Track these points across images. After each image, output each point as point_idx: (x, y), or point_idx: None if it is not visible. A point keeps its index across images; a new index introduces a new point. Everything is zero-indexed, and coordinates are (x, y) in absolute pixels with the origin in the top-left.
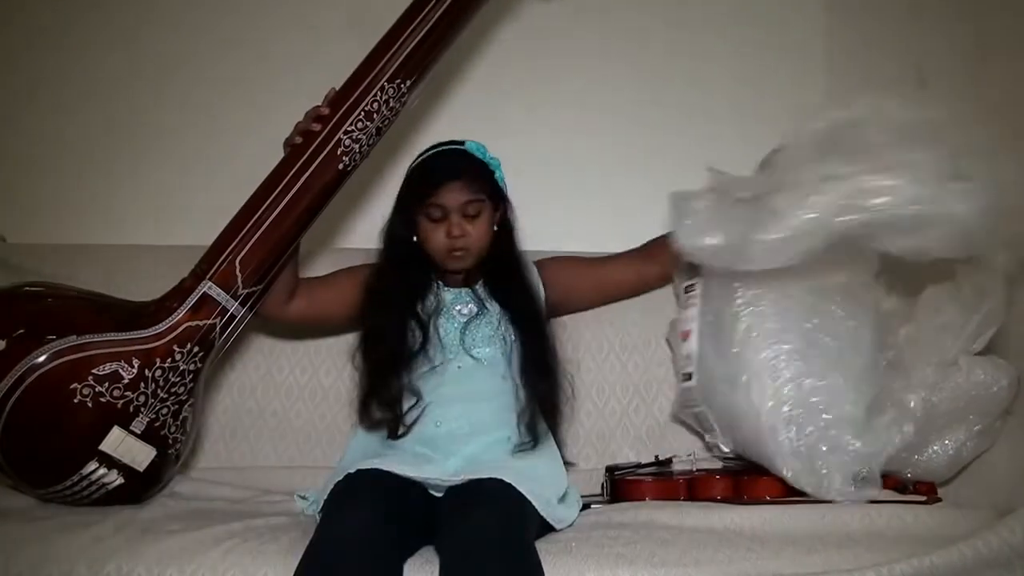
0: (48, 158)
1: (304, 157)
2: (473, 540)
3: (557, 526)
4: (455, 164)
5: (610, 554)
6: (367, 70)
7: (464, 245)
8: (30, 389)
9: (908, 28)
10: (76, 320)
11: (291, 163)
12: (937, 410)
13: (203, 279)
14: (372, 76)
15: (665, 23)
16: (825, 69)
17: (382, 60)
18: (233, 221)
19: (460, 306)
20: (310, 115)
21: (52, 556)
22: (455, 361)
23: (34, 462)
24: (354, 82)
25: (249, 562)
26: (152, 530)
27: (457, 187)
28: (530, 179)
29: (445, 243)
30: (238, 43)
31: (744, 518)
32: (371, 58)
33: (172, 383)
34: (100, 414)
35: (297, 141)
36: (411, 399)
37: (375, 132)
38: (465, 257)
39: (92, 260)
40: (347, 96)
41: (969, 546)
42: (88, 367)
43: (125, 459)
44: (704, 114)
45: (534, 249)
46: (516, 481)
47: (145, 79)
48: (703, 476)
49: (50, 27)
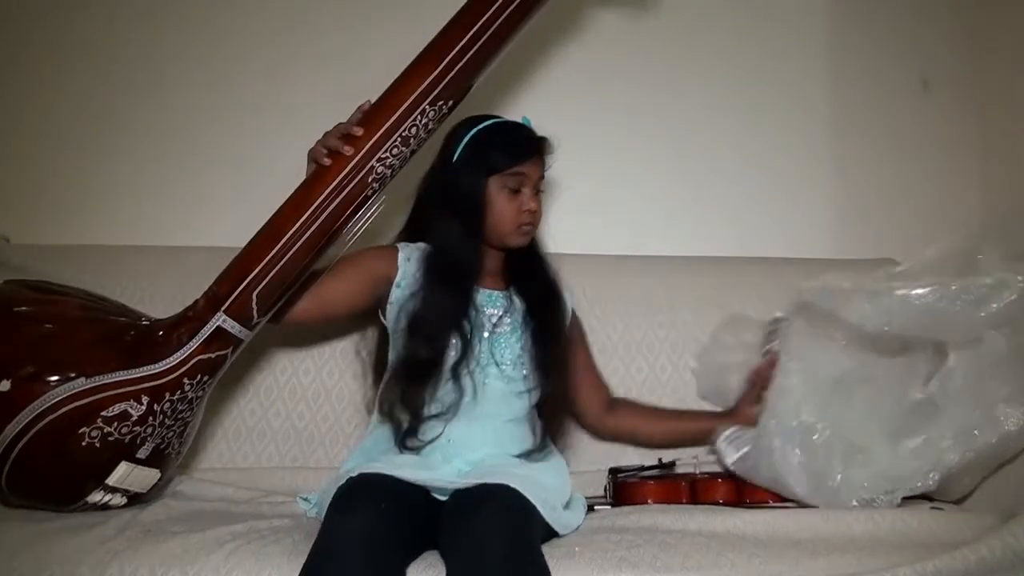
0: (51, 159)
1: (333, 185)
2: (480, 543)
3: (561, 532)
4: (536, 138)
5: (613, 558)
6: (408, 89)
7: (534, 220)
8: (39, 434)
9: (911, 32)
10: (82, 357)
11: (318, 190)
12: (970, 462)
13: (217, 311)
14: (414, 97)
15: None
16: (826, 71)
17: (427, 79)
18: (253, 248)
19: (491, 309)
20: (340, 133)
21: (55, 557)
22: (480, 375)
23: (41, 495)
24: (392, 102)
25: (252, 564)
26: (155, 531)
27: (539, 161)
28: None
29: (518, 217)
30: (240, 44)
31: (747, 522)
32: (413, 75)
33: (179, 411)
34: (108, 451)
35: (326, 163)
36: (433, 410)
37: (407, 156)
38: (530, 234)
39: (94, 261)
40: (384, 118)
41: (973, 551)
42: (97, 410)
43: (132, 488)
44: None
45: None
46: (522, 486)
47: (147, 80)
48: (706, 479)
49: (51, 27)
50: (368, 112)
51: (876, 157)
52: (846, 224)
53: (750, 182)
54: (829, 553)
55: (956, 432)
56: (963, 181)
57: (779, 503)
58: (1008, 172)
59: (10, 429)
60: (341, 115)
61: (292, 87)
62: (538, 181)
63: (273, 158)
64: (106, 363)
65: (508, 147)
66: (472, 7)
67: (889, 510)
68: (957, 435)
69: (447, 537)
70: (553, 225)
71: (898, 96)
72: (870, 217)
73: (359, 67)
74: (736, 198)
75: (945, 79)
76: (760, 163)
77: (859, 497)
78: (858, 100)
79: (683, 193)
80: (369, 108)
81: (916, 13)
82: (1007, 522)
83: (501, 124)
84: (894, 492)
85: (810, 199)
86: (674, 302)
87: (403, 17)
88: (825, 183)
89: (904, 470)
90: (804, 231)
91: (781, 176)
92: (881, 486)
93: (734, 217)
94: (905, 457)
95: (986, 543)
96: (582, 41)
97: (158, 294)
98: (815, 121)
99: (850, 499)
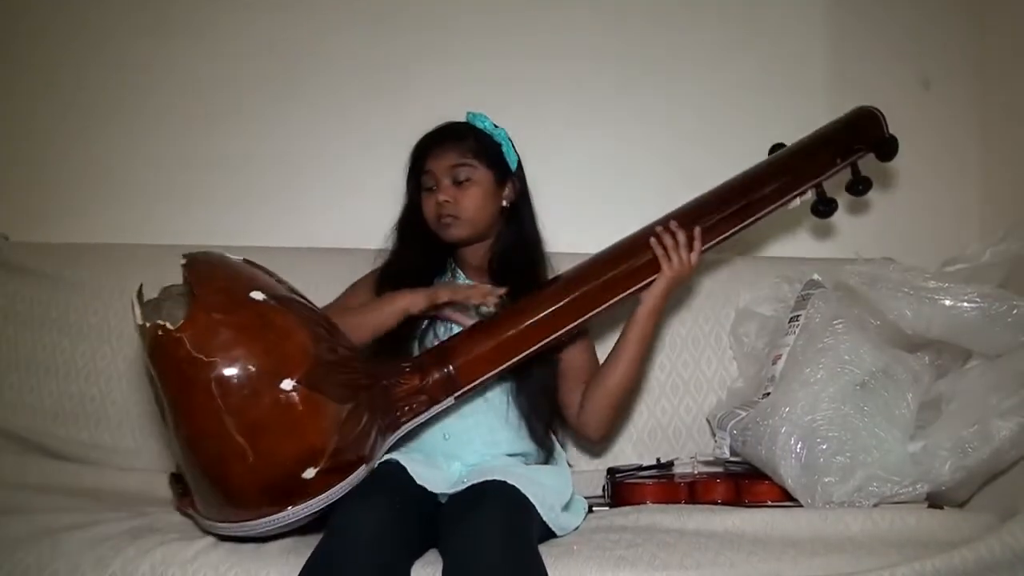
0: (50, 157)
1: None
2: (476, 538)
3: (559, 533)
4: (443, 129)
5: (612, 557)
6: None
7: (452, 212)
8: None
9: (912, 31)
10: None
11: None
12: (961, 480)
13: (449, 396)
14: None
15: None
16: (827, 70)
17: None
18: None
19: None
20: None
21: (58, 555)
22: None
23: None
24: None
25: (251, 561)
26: (157, 529)
27: (444, 149)
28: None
29: (434, 211)
30: (241, 45)
31: (746, 521)
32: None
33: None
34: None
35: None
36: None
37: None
38: (455, 225)
39: (94, 259)
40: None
41: (972, 550)
42: None
43: None
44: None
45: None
46: (520, 483)
47: (148, 79)
48: (704, 479)
49: (53, 28)
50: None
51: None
52: (845, 223)
53: None
54: (828, 552)
55: (953, 444)
56: (964, 180)
57: (777, 502)
58: (1009, 171)
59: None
60: (341, 115)
61: (293, 88)
62: (451, 169)
63: (273, 158)
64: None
65: (415, 149)
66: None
67: (888, 509)
68: (953, 447)
69: (445, 532)
70: (555, 226)
71: (899, 95)
72: (869, 216)
73: (360, 67)
74: None
75: (946, 78)
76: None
77: (848, 500)
78: (858, 99)
79: (684, 192)
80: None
81: (917, 11)
82: (1006, 521)
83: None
84: (882, 500)
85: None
86: (672, 301)
87: (404, 17)
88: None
89: (897, 475)
90: (803, 231)
91: None
92: (871, 492)
93: None
94: (902, 462)
95: (985, 542)
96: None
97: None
98: (815, 119)
99: (837, 499)
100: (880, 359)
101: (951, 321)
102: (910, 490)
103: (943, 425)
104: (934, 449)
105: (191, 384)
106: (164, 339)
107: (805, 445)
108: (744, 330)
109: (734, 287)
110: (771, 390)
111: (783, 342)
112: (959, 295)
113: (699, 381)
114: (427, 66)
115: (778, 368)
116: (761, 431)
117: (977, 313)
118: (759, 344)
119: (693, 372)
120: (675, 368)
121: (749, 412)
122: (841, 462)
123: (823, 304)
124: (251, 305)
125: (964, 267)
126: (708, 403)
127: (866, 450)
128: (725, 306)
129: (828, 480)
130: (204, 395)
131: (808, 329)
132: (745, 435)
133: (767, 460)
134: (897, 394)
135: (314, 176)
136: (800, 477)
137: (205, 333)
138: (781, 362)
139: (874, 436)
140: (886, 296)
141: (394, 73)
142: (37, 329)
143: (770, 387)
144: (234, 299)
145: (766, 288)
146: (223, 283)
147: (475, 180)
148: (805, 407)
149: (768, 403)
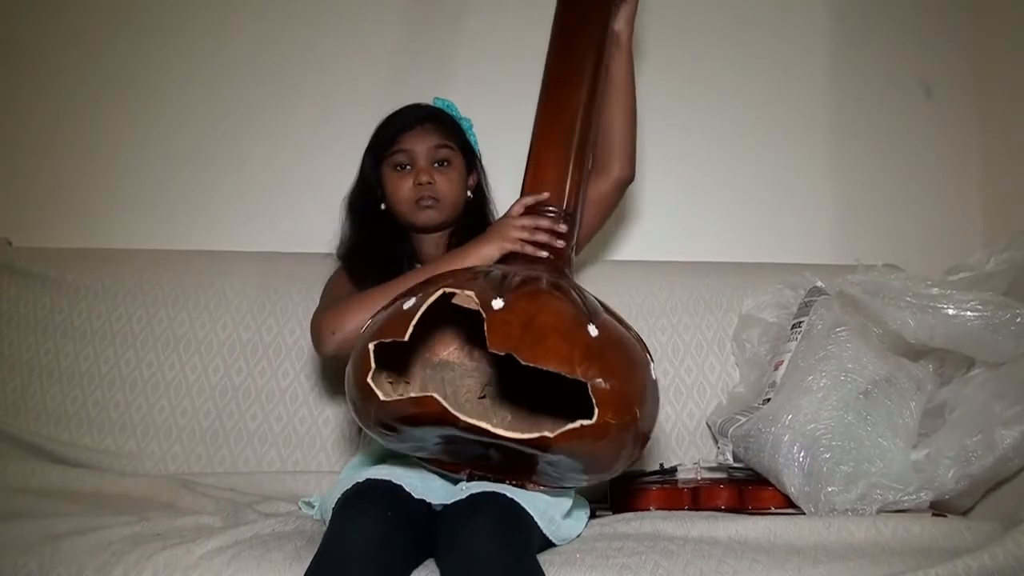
0: (52, 162)
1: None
2: (472, 548)
3: (559, 543)
4: (422, 109)
5: (614, 564)
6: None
7: (433, 194)
8: None
9: (913, 38)
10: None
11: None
12: (969, 484)
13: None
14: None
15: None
16: (828, 77)
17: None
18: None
19: None
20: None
21: (60, 560)
22: None
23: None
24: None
25: (254, 568)
26: (159, 535)
27: (426, 130)
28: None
29: (412, 192)
30: (242, 47)
31: (749, 529)
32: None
33: None
34: None
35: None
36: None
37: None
38: (435, 208)
39: (96, 264)
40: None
41: (975, 559)
42: None
43: None
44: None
45: None
46: (517, 495)
47: (152, 82)
48: (707, 485)
49: (54, 29)
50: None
51: (878, 163)
52: (847, 230)
53: (751, 187)
54: (831, 560)
55: (956, 453)
56: (965, 186)
57: (781, 509)
58: (1010, 177)
59: None
60: (341, 114)
61: (293, 89)
62: (434, 150)
63: (275, 161)
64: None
65: (388, 124)
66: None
67: (891, 517)
68: (957, 456)
69: (442, 543)
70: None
71: (900, 102)
72: (871, 223)
73: (360, 68)
74: (737, 204)
75: (947, 85)
76: (762, 169)
77: (850, 508)
78: (860, 106)
79: (685, 199)
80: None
81: (918, 19)
82: (1010, 529)
83: (391, 112)
84: (885, 508)
85: (811, 205)
86: (676, 307)
87: (403, 18)
88: (827, 189)
89: (901, 483)
90: (805, 237)
91: (783, 182)
92: (874, 500)
93: (735, 223)
94: (906, 471)
95: (989, 551)
96: None
97: (159, 297)
98: (817, 127)
99: (841, 508)
100: (883, 367)
101: (954, 330)
102: (914, 498)
103: (946, 433)
104: (937, 457)
105: None
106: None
107: (808, 454)
108: (747, 336)
109: (737, 292)
110: (771, 396)
111: (785, 348)
112: (962, 303)
113: (702, 387)
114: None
115: (779, 374)
116: (764, 439)
117: (980, 322)
118: (761, 350)
119: (696, 378)
120: (678, 374)
121: (750, 418)
122: (844, 471)
123: (826, 311)
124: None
125: (967, 275)
126: (711, 409)
127: (869, 459)
128: (728, 312)
129: (831, 489)
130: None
131: (810, 336)
132: (747, 442)
133: (770, 468)
134: (900, 402)
135: (313, 179)
136: (803, 486)
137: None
138: (782, 368)
139: (877, 445)
140: (888, 305)
141: (392, 77)
142: (40, 333)
143: (770, 393)
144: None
145: (769, 294)
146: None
147: (454, 164)
148: (808, 415)
149: (769, 410)
